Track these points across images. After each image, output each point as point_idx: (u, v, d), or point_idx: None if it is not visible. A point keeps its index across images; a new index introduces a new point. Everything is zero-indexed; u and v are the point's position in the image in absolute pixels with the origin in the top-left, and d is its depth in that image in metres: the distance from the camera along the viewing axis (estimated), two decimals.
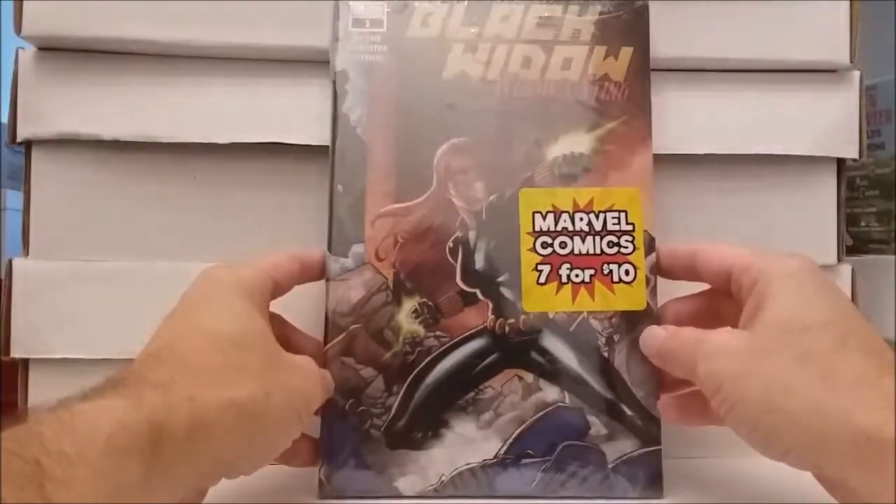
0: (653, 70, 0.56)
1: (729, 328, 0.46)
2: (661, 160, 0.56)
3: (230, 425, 0.39)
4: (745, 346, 0.43)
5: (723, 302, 0.49)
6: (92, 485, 0.31)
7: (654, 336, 0.49)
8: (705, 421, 0.48)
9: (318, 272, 0.52)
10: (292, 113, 0.56)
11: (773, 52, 0.59)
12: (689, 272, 0.51)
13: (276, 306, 0.49)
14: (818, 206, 0.61)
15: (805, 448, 0.39)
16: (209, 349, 0.41)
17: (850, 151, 0.60)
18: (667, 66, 0.58)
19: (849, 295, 0.60)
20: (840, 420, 0.38)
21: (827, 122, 0.60)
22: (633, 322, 0.52)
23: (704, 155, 0.58)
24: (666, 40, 0.57)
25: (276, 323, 0.48)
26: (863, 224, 0.73)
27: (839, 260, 0.60)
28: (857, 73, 0.60)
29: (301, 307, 0.52)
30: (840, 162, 0.61)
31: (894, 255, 0.68)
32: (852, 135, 0.60)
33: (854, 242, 0.73)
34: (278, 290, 0.49)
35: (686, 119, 0.59)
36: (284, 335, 0.49)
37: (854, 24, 0.59)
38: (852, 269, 0.60)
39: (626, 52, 0.55)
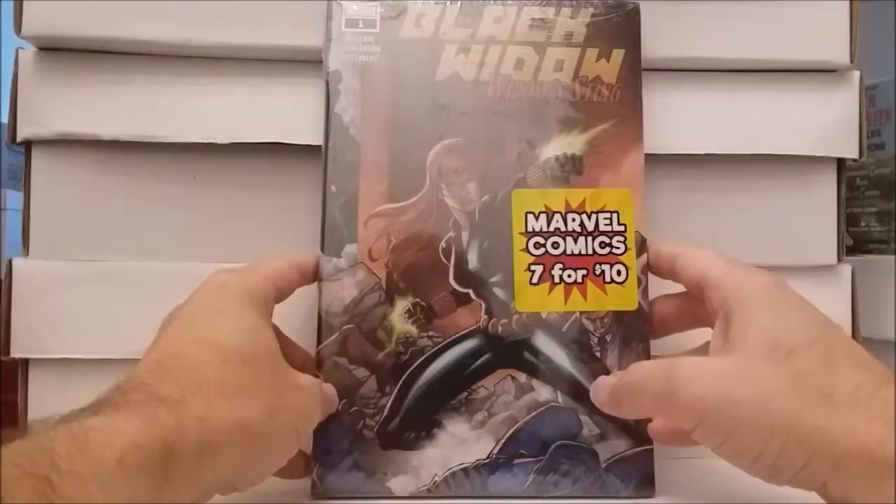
0: (652, 70, 0.57)
1: (696, 357, 0.46)
2: (662, 160, 0.57)
3: (237, 446, 0.39)
4: (730, 370, 0.41)
5: (704, 306, 0.48)
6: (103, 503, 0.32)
7: (602, 382, 0.49)
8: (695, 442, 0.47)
9: (313, 277, 0.52)
10: (292, 113, 0.56)
11: (773, 52, 0.59)
12: (672, 274, 0.51)
13: None
14: (818, 206, 0.61)
15: (815, 470, 0.39)
16: (219, 365, 0.41)
17: (850, 151, 0.59)
18: (666, 65, 0.58)
19: (849, 295, 0.60)
20: (846, 438, 0.38)
21: (827, 122, 0.59)
22: (625, 322, 0.52)
23: (704, 155, 0.58)
24: (666, 40, 0.57)
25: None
26: (863, 224, 0.73)
27: (839, 260, 0.60)
28: (857, 73, 0.60)
29: (291, 308, 0.52)
30: (840, 162, 0.61)
31: (894, 255, 0.67)
32: (852, 135, 0.59)
33: (854, 242, 0.73)
34: (279, 297, 0.49)
35: (687, 119, 0.59)
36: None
37: (854, 24, 0.59)
38: (852, 269, 0.60)
39: (618, 54, 0.55)
